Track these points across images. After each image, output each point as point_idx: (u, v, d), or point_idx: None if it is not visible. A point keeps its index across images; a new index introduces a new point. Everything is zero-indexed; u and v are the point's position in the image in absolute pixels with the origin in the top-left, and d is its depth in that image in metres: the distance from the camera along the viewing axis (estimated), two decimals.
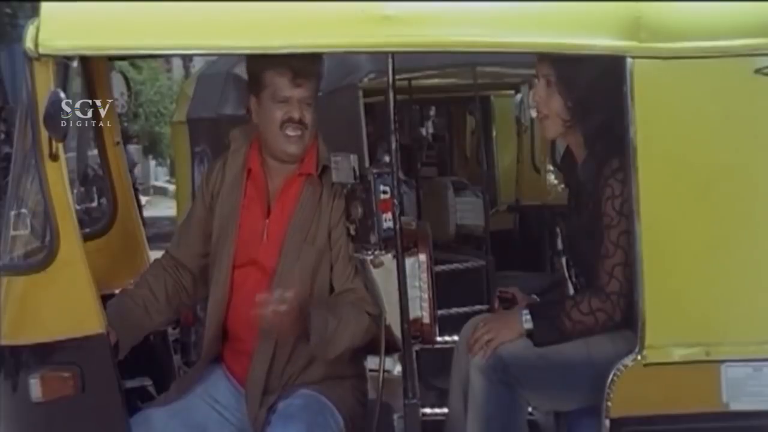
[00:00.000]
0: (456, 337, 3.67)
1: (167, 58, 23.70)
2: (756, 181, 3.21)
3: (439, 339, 3.65)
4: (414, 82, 6.67)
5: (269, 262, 3.50)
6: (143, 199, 20.13)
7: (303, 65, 3.44)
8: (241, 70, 5.77)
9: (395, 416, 3.65)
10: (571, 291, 3.71)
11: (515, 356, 3.33)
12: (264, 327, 3.34)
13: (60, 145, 3.12)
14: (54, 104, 3.02)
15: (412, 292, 3.38)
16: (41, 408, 3.18)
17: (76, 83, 3.75)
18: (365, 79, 6.21)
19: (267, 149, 3.57)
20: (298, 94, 3.47)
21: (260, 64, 3.48)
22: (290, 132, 3.48)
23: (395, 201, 3.30)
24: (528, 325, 3.36)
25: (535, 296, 3.75)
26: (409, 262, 3.40)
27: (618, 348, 3.24)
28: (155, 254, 3.99)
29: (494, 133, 8.36)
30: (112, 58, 3.99)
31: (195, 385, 3.55)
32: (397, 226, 3.26)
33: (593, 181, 3.36)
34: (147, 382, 3.84)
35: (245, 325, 3.48)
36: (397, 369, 3.81)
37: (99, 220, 3.96)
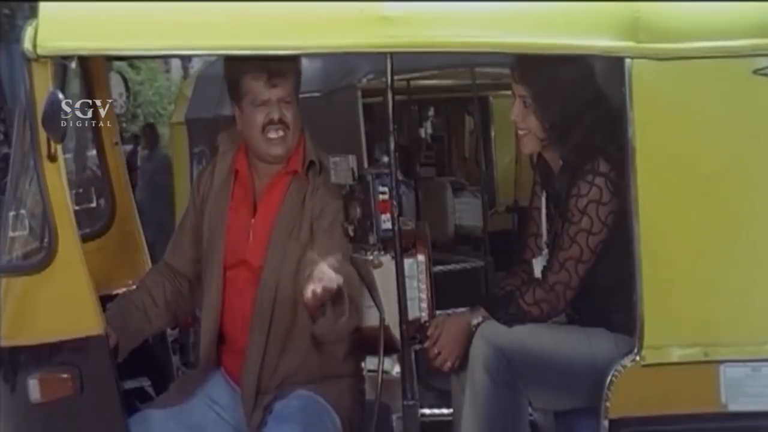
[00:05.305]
0: None
1: (166, 58, 23.67)
2: (754, 181, 3.21)
3: None
4: (413, 83, 6.68)
5: (257, 261, 3.49)
6: None
7: (277, 65, 3.43)
8: None
9: (394, 417, 3.65)
10: None
11: (516, 350, 3.33)
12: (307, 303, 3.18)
13: (58, 146, 3.12)
14: (52, 105, 3.02)
15: (410, 293, 3.38)
16: (40, 409, 3.18)
17: (75, 84, 3.75)
18: (364, 80, 6.20)
19: (253, 152, 3.58)
20: (276, 95, 3.46)
21: (237, 71, 3.48)
22: (272, 134, 3.48)
23: (394, 202, 3.30)
24: (476, 321, 3.42)
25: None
26: (407, 262, 3.40)
27: (620, 349, 3.24)
28: None
29: (493, 134, 8.36)
30: (110, 59, 3.98)
31: (195, 389, 3.55)
32: (396, 227, 3.26)
33: (566, 190, 3.40)
34: (146, 383, 3.83)
35: (239, 325, 3.49)
36: (396, 370, 3.81)
37: (98, 221, 3.95)
